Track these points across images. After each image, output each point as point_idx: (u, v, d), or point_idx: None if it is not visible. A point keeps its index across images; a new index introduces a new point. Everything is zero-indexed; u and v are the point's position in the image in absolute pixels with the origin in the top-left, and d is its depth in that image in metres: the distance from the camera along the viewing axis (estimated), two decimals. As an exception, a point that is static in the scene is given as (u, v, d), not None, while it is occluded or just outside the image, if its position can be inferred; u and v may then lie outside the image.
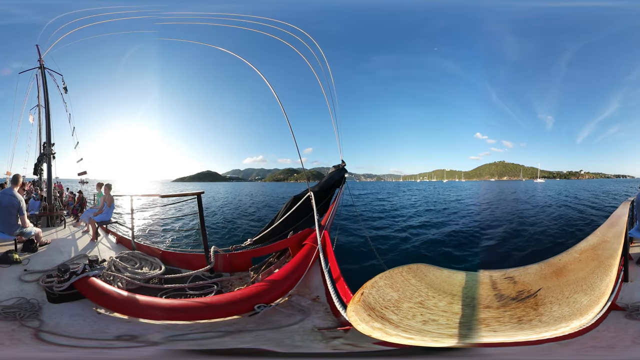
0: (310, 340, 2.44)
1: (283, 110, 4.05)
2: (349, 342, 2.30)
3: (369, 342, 1.96)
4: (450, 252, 8.97)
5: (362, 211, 19.20)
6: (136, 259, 4.53)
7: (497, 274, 2.77)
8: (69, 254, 5.11)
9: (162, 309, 2.81)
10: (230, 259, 4.33)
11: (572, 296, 2.02)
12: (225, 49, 5.11)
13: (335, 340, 2.39)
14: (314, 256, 3.35)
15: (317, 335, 2.50)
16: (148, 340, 2.53)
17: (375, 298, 2.13)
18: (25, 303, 3.08)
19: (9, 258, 4.29)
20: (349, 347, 2.27)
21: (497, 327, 1.89)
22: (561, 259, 2.87)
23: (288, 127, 4.16)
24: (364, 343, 2.11)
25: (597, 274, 2.26)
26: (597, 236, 3.38)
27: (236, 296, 2.88)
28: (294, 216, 4.35)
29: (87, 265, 3.37)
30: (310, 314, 2.84)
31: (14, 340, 2.48)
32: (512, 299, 2.22)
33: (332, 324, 2.66)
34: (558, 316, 1.83)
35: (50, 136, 8.61)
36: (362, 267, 7.03)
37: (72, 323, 2.79)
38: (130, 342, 2.53)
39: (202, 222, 4.49)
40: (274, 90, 4.10)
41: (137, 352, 2.45)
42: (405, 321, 1.92)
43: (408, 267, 2.74)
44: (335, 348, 2.32)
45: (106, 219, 6.82)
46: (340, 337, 2.41)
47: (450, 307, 2.17)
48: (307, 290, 3.20)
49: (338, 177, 4.84)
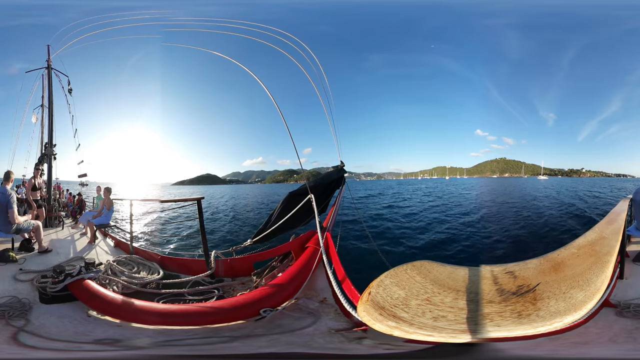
0: (338, 341, 2.42)
1: (280, 113, 4.08)
2: (381, 341, 2.28)
3: (399, 341, 1.95)
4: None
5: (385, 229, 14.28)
6: (134, 263, 4.51)
7: (498, 268, 2.81)
8: (65, 256, 5.12)
9: (158, 313, 2.78)
10: (232, 264, 4.32)
11: (569, 291, 2.06)
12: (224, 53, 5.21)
13: (365, 340, 2.37)
14: (317, 258, 3.36)
15: (339, 336, 2.49)
16: (131, 345, 2.48)
17: (383, 297, 2.15)
18: (16, 302, 3.09)
19: (5, 256, 4.33)
20: (386, 346, 2.24)
21: (500, 322, 1.92)
22: (560, 254, 2.91)
23: (286, 128, 4.16)
24: (396, 342, 2.08)
25: (593, 270, 2.29)
26: (596, 232, 3.43)
27: (240, 301, 2.87)
28: (295, 217, 4.34)
29: (83, 268, 3.38)
30: (320, 316, 2.84)
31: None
32: (512, 294, 2.26)
33: (346, 325, 2.66)
34: (554, 311, 1.87)
35: (52, 137, 8.66)
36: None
37: (58, 324, 2.78)
38: (106, 346, 2.47)
39: (202, 227, 4.50)
40: (271, 94, 4.11)
41: (109, 355, 2.40)
42: (417, 318, 1.95)
43: (412, 264, 2.78)
44: (372, 348, 2.29)
45: (105, 222, 6.89)
46: (365, 337, 2.39)
47: (456, 303, 2.21)
48: (313, 293, 3.22)
49: (337, 176, 4.84)
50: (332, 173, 4.89)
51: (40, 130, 10.71)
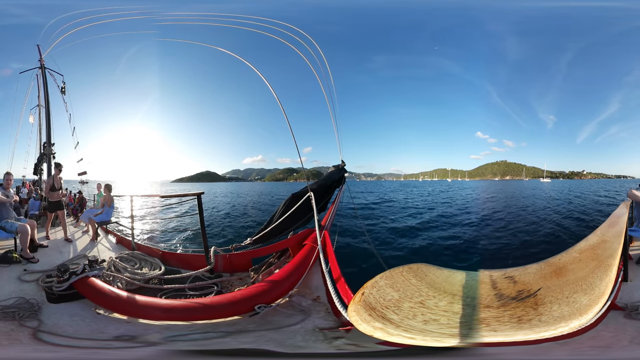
0: (312, 340, 2.45)
1: (283, 109, 4.06)
2: (351, 342, 2.31)
3: (372, 342, 1.97)
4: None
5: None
6: (136, 259, 4.56)
7: (497, 273, 2.79)
8: (68, 254, 5.14)
9: (162, 309, 2.82)
10: (231, 260, 4.34)
11: (572, 296, 2.02)
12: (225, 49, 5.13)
13: (337, 341, 2.40)
14: (314, 256, 3.37)
15: (319, 335, 2.51)
16: (147, 340, 2.54)
17: (376, 298, 2.13)
18: (24, 303, 3.10)
19: (8, 258, 4.31)
20: (352, 347, 2.27)
21: (497, 327, 1.89)
22: (561, 258, 2.88)
23: (288, 126, 4.17)
24: (367, 343, 2.11)
25: (596, 273, 2.26)
26: (597, 236, 3.38)
27: (236, 296, 2.89)
28: (294, 216, 4.34)
29: (86, 266, 3.40)
30: (311, 314, 2.85)
31: (12, 340, 2.50)
32: (512, 299, 2.23)
33: (333, 324, 2.67)
34: (558, 316, 1.83)
35: (50, 136, 8.64)
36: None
37: (71, 323, 2.81)
38: (128, 343, 2.53)
39: (202, 222, 4.52)
40: (273, 90, 4.11)
41: (135, 353, 2.45)
42: (406, 321, 1.93)
43: (408, 266, 2.74)
44: (339, 348, 2.32)
45: (106, 219, 6.88)
46: (342, 337, 2.42)
47: (450, 307, 2.18)
48: (307, 291, 3.22)
49: (337, 176, 4.84)
50: (334, 173, 4.87)
51: (38, 130, 10.69)
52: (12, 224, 4.76)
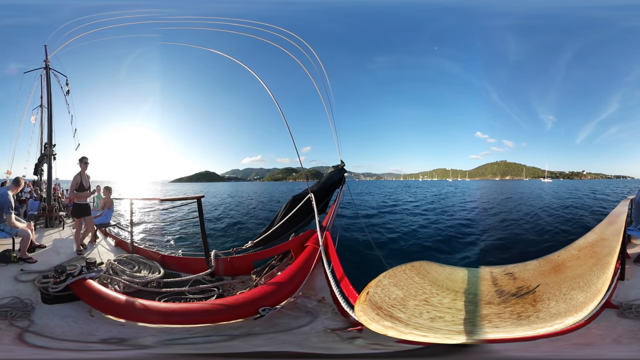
0: (331, 341, 2.42)
1: (280, 111, 4.05)
2: (373, 341, 2.27)
3: (391, 341, 1.94)
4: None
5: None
6: (134, 262, 4.51)
7: (497, 270, 2.80)
8: (66, 256, 5.09)
9: (160, 312, 2.78)
10: (232, 263, 4.31)
11: (569, 293, 2.05)
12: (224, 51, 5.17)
13: (357, 340, 2.38)
14: (316, 257, 3.35)
15: (334, 336, 2.49)
16: (138, 343, 2.49)
17: (381, 297, 2.15)
18: (18, 303, 3.07)
19: (6, 257, 4.31)
20: (376, 346, 2.23)
21: (499, 323, 1.92)
22: (560, 255, 2.90)
23: (286, 126, 4.14)
24: (388, 342, 2.06)
25: (594, 271, 2.29)
26: (596, 234, 3.41)
27: (239, 299, 2.87)
28: (295, 218, 4.33)
29: (84, 267, 3.37)
30: (318, 315, 2.83)
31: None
32: (512, 295, 2.26)
33: (342, 324, 2.65)
34: (554, 312, 1.86)
35: (51, 137, 8.64)
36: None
37: (62, 324, 2.77)
38: (115, 346, 2.47)
39: (202, 226, 4.49)
40: (272, 91, 4.09)
41: (120, 355, 2.40)
42: (414, 319, 1.95)
43: (411, 265, 2.77)
44: (361, 347, 2.29)
45: (105, 221, 6.88)
46: (359, 337, 2.39)
47: (454, 304, 2.20)
48: (312, 292, 3.21)
49: (337, 177, 4.83)
50: (333, 174, 4.87)
51: (39, 131, 10.70)
52: (12, 228, 4.77)
